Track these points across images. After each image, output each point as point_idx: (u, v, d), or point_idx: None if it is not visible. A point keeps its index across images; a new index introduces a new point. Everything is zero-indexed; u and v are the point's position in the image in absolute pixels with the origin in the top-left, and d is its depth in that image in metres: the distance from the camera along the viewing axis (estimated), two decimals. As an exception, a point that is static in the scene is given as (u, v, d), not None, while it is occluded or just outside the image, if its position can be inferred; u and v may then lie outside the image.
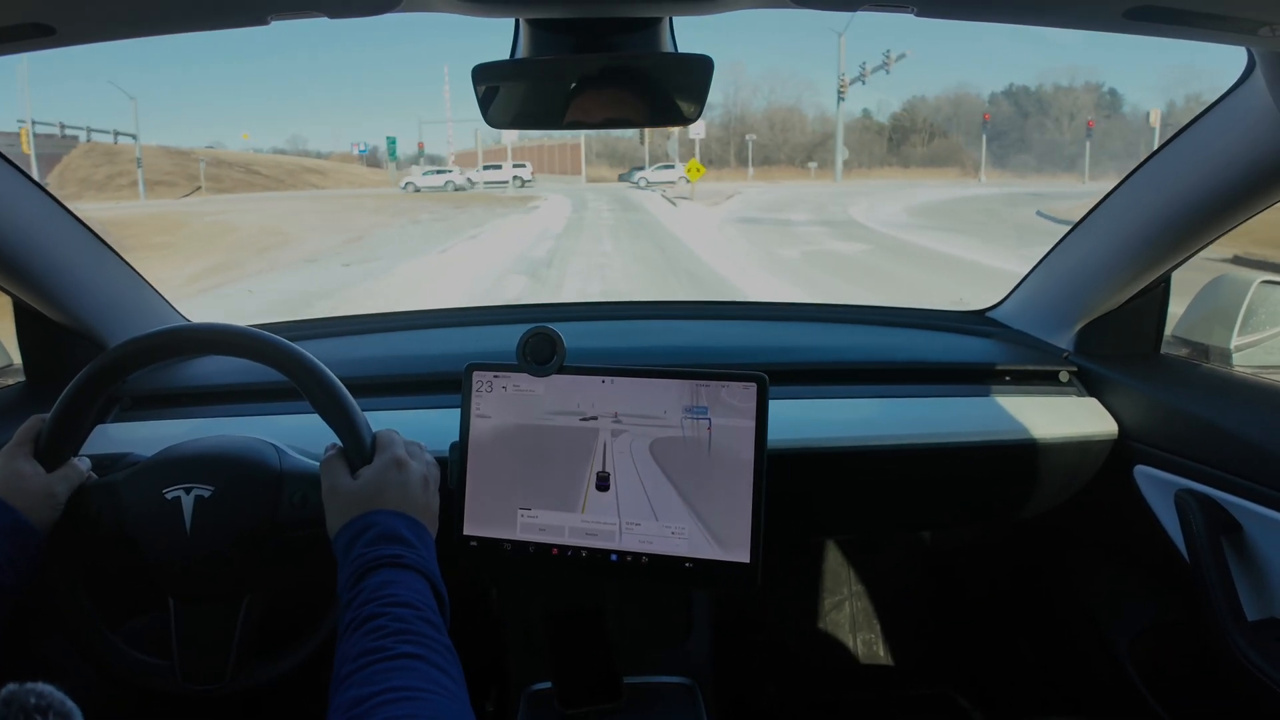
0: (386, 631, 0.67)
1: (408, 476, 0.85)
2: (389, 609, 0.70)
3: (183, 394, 1.25)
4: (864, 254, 12.57)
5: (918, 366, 1.34)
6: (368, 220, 19.51)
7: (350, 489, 0.83)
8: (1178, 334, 1.37)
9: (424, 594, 0.74)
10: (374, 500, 0.82)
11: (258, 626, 0.92)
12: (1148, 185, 1.16)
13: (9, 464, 0.85)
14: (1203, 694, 1.16)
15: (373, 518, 0.80)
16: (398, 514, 0.81)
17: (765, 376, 0.97)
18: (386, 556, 0.75)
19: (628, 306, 1.71)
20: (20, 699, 0.42)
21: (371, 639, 0.67)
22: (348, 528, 0.80)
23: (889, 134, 50.44)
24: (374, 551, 0.76)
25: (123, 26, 0.78)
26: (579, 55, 0.87)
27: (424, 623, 0.70)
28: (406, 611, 0.70)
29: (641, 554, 0.98)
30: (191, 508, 0.88)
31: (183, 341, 0.94)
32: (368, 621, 0.68)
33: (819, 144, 47.12)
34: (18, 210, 1.06)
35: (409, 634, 0.68)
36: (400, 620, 0.69)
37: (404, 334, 1.56)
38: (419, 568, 0.76)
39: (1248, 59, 0.94)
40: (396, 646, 0.66)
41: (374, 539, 0.77)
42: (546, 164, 47.40)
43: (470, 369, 1.02)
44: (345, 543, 0.78)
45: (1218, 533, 1.07)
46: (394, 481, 0.84)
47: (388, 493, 0.83)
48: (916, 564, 1.82)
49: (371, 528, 0.78)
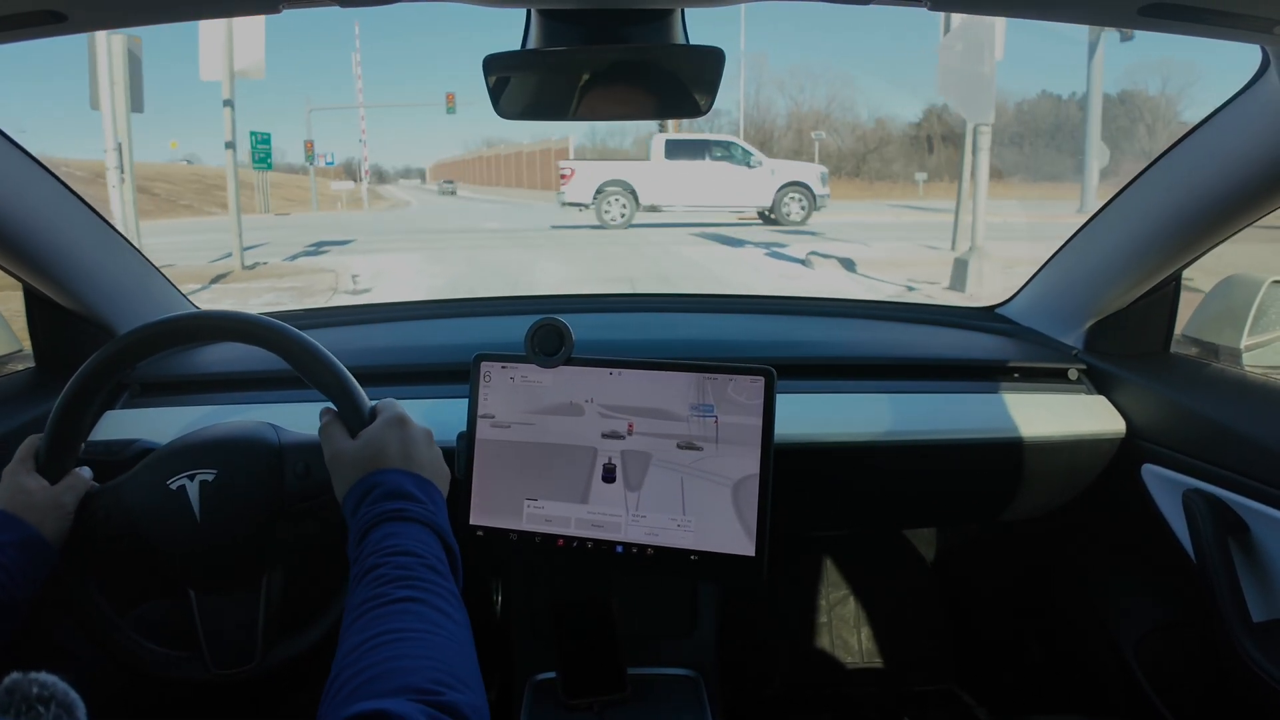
0: (387, 579, 0.67)
1: (410, 433, 0.85)
2: (390, 558, 0.70)
3: (191, 381, 1.26)
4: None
5: (926, 362, 1.34)
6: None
7: (353, 450, 0.83)
8: (1188, 333, 1.36)
9: (429, 543, 0.73)
10: (377, 459, 0.82)
11: (280, 603, 0.93)
12: (1160, 183, 1.16)
13: (14, 481, 0.85)
14: (1208, 694, 1.16)
15: (378, 477, 0.80)
16: (403, 471, 0.81)
17: (773, 370, 0.97)
18: (391, 511, 0.75)
19: (636, 299, 1.71)
20: (23, 688, 0.41)
21: (371, 588, 0.67)
22: (354, 489, 0.80)
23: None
24: (378, 508, 0.76)
25: (135, 13, 0.78)
26: (589, 46, 0.86)
27: (426, 569, 0.70)
28: (408, 559, 0.70)
29: (647, 546, 0.98)
30: (198, 494, 0.89)
31: (183, 329, 0.94)
32: (370, 572, 0.69)
33: (873, 150, 38.80)
34: (27, 196, 1.07)
35: (408, 580, 0.68)
36: (401, 568, 0.69)
37: (412, 324, 1.57)
38: (424, 520, 0.76)
39: (1262, 57, 0.93)
40: (395, 592, 0.66)
41: (379, 497, 0.77)
42: (523, 177, 38.77)
43: (478, 359, 1.02)
44: (353, 504, 0.79)
45: (1225, 533, 1.07)
46: (396, 439, 0.84)
47: (390, 450, 0.83)
48: (922, 560, 1.82)
49: (377, 486, 0.78)
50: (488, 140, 50.22)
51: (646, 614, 1.27)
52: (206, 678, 0.91)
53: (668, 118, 0.95)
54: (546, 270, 10.57)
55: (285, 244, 14.56)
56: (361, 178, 32.77)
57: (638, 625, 1.25)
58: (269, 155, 22.28)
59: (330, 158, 35.23)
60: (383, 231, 17.52)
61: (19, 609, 0.78)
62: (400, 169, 50.26)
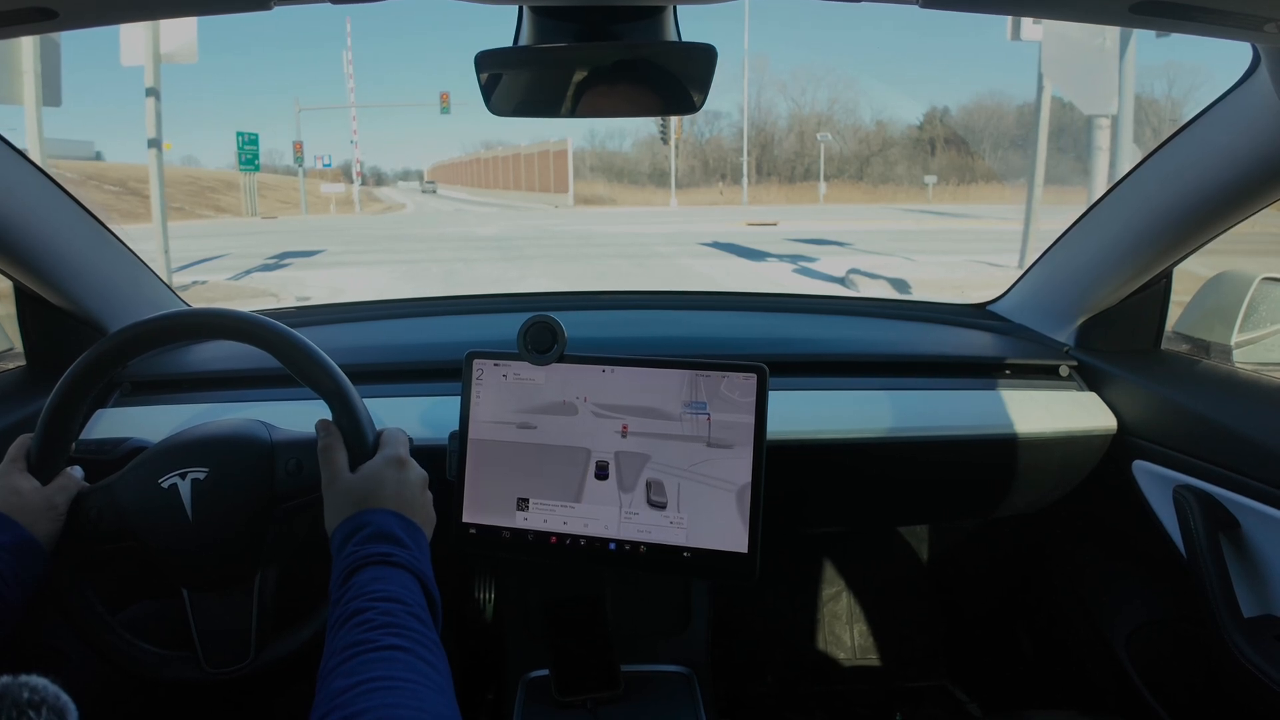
0: (373, 625, 0.67)
1: (407, 476, 0.85)
2: (376, 603, 0.69)
3: (183, 379, 1.25)
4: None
5: (917, 359, 1.34)
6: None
7: (349, 483, 0.83)
8: (1179, 330, 1.37)
9: (413, 591, 0.73)
10: (371, 498, 0.82)
11: (273, 600, 0.92)
12: (1151, 181, 1.16)
13: (6, 482, 0.85)
14: (1198, 689, 1.16)
15: (368, 516, 0.79)
16: (393, 514, 0.81)
17: (765, 367, 0.97)
18: (377, 554, 0.75)
19: (629, 296, 1.71)
20: (14, 693, 0.41)
21: (357, 632, 0.66)
22: (343, 525, 0.80)
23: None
24: (366, 550, 0.75)
25: (124, 10, 0.78)
26: (582, 43, 0.86)
27: (411, 617, 0.69)
28: (394, 606, 0.69)
29: (640, 543, 0.98)
30: (189, 492, 0.88)
31: (181, 327, 0.93)
32: (354, 616, 0.68)
33: (876, 153, 38.08)
34: (19, 194, 1.06)
35: (395, 627, 0.67)
36: (387, 614, 0.68)
37: (404, 321, 1.57)
38: (410, 567, 0.76)
39: (1252, 55, 0.94)
40: (382, 639, 0.66)
41: (367, 538, 0.77)
42: (521, 180, 39.10)
43: (470, 356, 1.02)
44: (340, 540, 0.78)
45: (1215, 529, 1.07)
46: (392, 479, 0.83)
47: (385, 491, 0.82)
48: (914, 557, 1.82)
49: (365, 526, 0.78)
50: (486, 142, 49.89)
51: (639, 611, 1.27)
52: (201, 676, 0.90)
53: (661, 114, 0.95)
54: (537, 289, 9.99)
55: (248, 255, 13.86)
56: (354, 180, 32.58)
57: (630, 622, 1.25)
58: (256, 156, 21.76)
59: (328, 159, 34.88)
60: (364, 239, 16.72)
61: (12, 612, 0.77)
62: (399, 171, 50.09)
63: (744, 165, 33.48)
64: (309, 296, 9.05)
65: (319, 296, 9.04)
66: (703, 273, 11.34)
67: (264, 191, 30.76)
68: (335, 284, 10.59)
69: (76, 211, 1.17)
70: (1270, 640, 1.01)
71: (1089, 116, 7.99)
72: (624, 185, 41.35)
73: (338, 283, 10.70)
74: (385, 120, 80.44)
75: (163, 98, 9.11)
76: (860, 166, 38.85)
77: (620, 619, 1.23)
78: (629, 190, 39.97)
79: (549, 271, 11.93)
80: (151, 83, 8.82)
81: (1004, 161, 37.52)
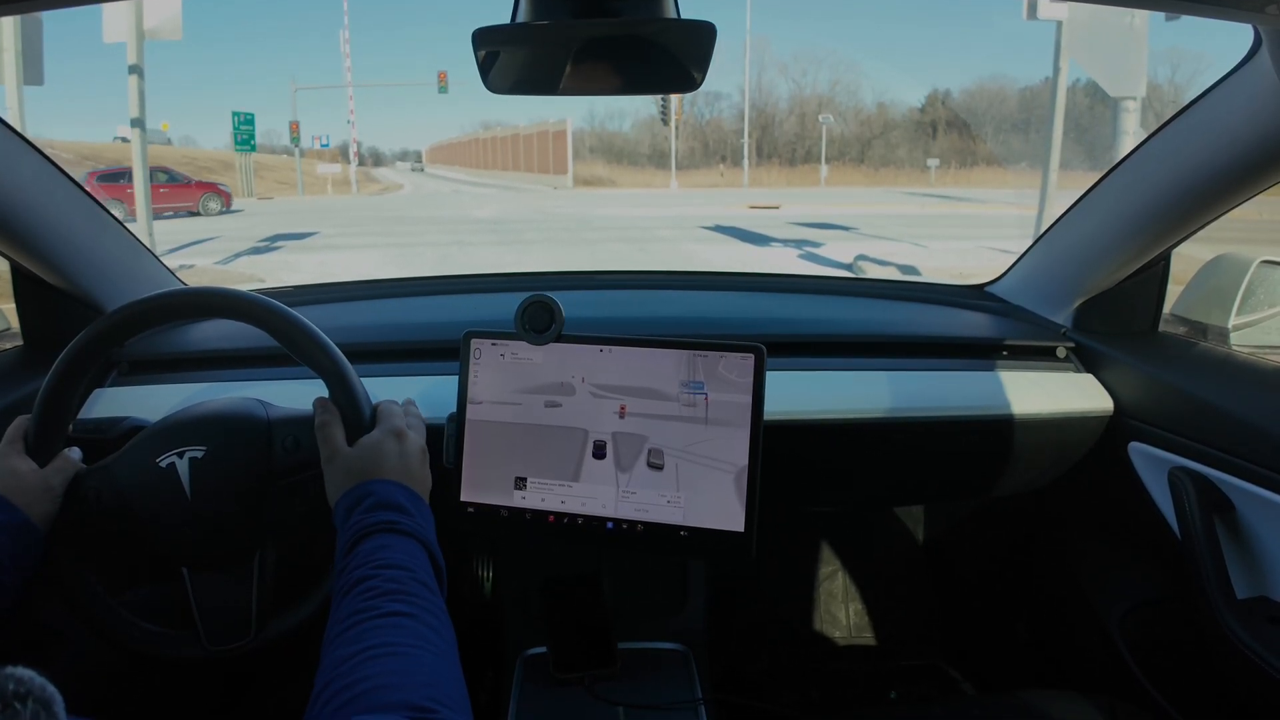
0: (378, 592, 0.67)
1: (407, 447, 0.85)
2: (381, 570, 0.70)
3: (180, 359, 1.25)
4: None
5: (915, 340, 1.34)
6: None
7: (349, 457, 0.84)
8: (1176, 312, 1.37)
9: (418, 558, 0.74)
10: (372, 470, 0.82)
11: (274, 577, 0.93)
12: (1150, 162, 1.16)
13: (4, 464, 0.85)
14: (1192, 670, 1.17)
15: (371, 486, 0.80)
16: (396, 483, 0.81)
17: (763, 348, 0.97)
18: (382, 522, 0.75)
19: (626, 276, 1.70)
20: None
21: (362, 599, 0.67)
22: (346, 496, 0.80)
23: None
24: (370, 518, 0.76)
25: None
26: (579, 20, 0.86)
27: (416, 584, 0.70)
28: (399, 573, 0.70)
29: (637, 522, 0.99)
30: (188, 471, 0.88)
31: (178, 306, 0.93)
32: (360, 583, 0.69)
33: (877, 135, 37.63)
34: (15, 174, 1.06)
35: (400, 594, 0.68)
36: (393, 581, 0.69)
37: (401, 300, 1.56)
38: (415, 534, 0.76)
39: (1254, 36, 0.93)
40: (386, 605, 0.66)
41: (371, 506, 0.77)
42: (520, 161, 38.53)
43: (468, 336, 1.02)
44: (344, 511, 0.79)
45: (1210, 511, 1.08)
46: (393, 450, 0.84)
47: (387, 462, 0.83)
48: (909, 537, 1.83)
49: (369, 496, 0.79)
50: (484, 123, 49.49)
51: (637, 589, 1.28)
52: (202, 654, 0.91)
53: (659, 92, 0.94)
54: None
55: (239, 239, 13.70)
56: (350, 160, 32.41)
57: (628, 600, 1.26)
58: (252, 136, 21.42)
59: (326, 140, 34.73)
60: (358, 221, 16.54)
61: (9, 594, 0.78)
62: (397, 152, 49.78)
63: (745, 147, 33.39)
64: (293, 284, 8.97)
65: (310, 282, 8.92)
66: (708, 259, 11.27)
67: (261, 172, 30.59)
68: (327, 269, 10.51)
69: (73, 191, 1.17)
70: (1263, 621, 1.01)
71: (1115, 99, 7.80)
72: (624, 166, 41.09)
73: (330, 268, 10.62)
74: (384, 100, 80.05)
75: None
76: (862, 149, 38.57)
77: (618, 597, 1.24)
78: (629, 171, 39.73)
79: (549, 255, 11.86)
80: (134, 60, 8.66)
81: (1005, 145, 37.08)
